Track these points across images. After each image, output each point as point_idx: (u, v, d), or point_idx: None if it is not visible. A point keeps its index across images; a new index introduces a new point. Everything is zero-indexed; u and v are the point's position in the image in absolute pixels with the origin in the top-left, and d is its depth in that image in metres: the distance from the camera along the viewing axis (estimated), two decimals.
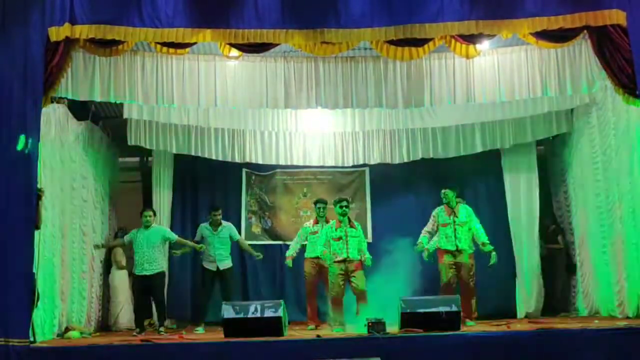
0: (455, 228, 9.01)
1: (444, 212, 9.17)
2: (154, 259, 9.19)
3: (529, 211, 10.97)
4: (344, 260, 8.83)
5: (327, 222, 9.47)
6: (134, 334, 8.90)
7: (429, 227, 9.26)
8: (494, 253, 9.02)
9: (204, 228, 9.85)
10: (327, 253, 8.94)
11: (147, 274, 9.14)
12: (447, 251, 9.00)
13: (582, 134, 10.21)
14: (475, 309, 8.96)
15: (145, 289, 9.23)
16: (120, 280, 10.47)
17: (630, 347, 6.57)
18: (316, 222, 9.76)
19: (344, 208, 8.97)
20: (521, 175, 11.09)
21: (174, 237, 9.58)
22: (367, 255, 8.97)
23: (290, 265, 9.80)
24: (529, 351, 6.60)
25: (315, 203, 9.84)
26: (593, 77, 8.09)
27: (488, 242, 9.02)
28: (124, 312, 10.27)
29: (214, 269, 9.71)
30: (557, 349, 6.62)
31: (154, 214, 9.58)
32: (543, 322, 8.97)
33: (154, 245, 9.21)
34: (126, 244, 9.64)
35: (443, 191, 9.19)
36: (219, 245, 9.75)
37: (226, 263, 9.80)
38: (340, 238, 8.89)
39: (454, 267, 8.96)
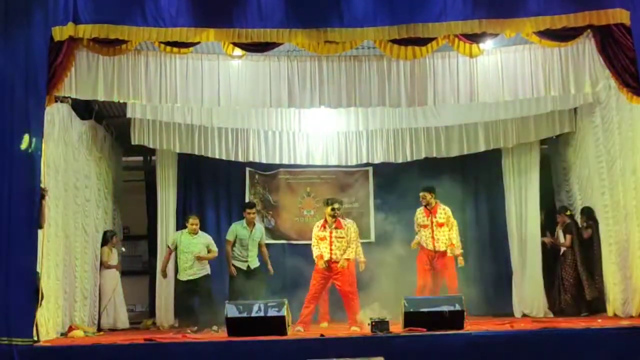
0: (433, 229, 9.03)
1: (422, 213, 9.22)
2: (199, 264, 9.44)
3: (531, 210, 10.95)
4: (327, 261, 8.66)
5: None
6: (189, 331, 8.87)
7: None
8: (460, 258, 9.14)
9: (240, 227, 9.62)
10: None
11: (192, 278, 9.43)
12: (425, 251, 9.05)
13: (586, 133, 10.18)
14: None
15: (190, 291, 9.52)
16: (106, 280, 10.25)
17: (634, 346, 6.55)
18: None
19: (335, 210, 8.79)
20: (523, 174, 11.06)
21: (215, 250, 9.68)
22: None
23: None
24: (533, 350, 6.58)
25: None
26: (596, 76, 8.08)
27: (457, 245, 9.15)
28: (106, 312, 10.11)
29: (245, 268, 9.59)
30: (560, 348, 6.60)
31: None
32: (546, 321, 8.96)
33: (199, 252, 9.46)
34: (172, 250, 9.74)
35: (421, 193, 9.22)
36: (252, 247, 9.63)
37: (256, 262, 9.69)
38: (324, 238, 8.72)
39: (430, 269, 9.00)
